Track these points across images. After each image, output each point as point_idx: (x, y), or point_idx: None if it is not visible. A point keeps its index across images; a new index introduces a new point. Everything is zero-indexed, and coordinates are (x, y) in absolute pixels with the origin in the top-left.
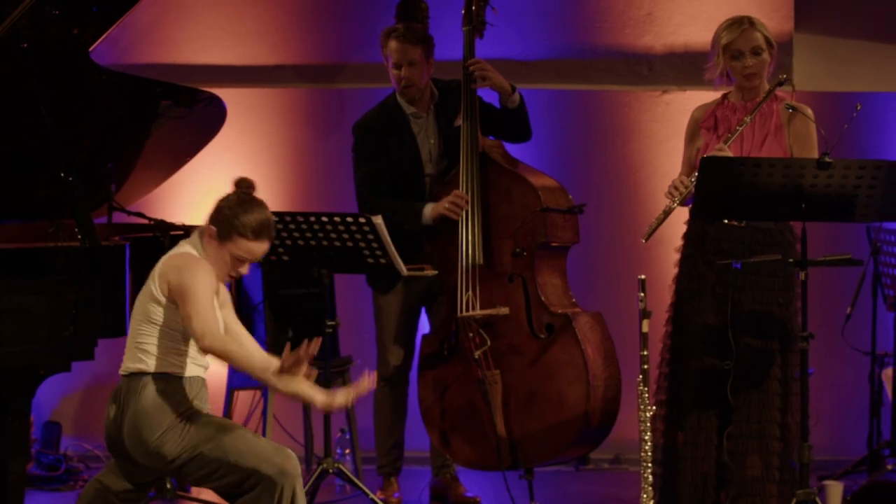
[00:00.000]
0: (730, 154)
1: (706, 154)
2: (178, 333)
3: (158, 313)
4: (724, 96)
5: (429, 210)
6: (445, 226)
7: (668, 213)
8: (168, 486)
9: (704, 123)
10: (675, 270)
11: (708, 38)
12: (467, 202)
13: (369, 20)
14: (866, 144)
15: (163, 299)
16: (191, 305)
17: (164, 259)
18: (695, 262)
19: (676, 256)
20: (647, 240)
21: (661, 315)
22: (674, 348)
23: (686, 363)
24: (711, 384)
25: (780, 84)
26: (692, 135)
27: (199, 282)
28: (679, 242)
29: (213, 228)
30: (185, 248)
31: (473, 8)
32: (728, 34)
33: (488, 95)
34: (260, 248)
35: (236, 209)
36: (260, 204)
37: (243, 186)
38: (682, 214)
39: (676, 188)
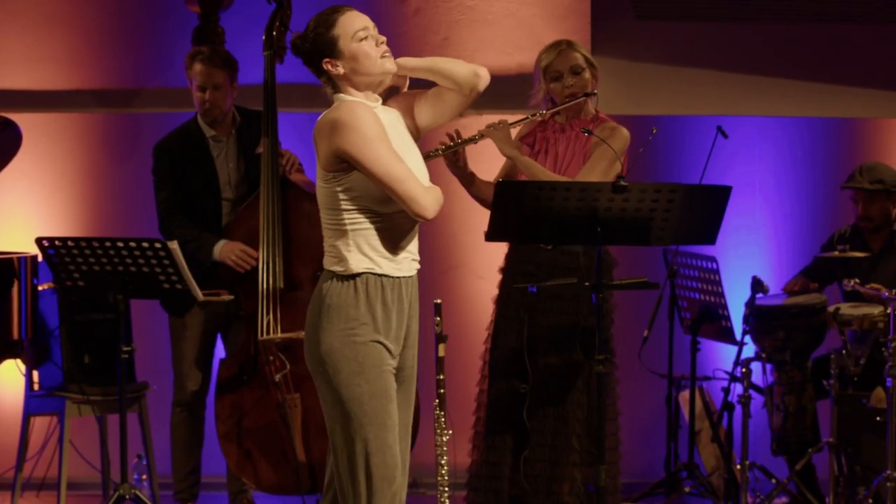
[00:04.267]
0: (506, 125)
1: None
2: None
3: None
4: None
5: (218, 249)
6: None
7: (425, 157)
8: None
9: (525, 139)
10: (494, 292)
11: (504, 62)
12: (256, 261)
13: (165, 45)
14: (662, 168)
15: None
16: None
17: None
18: (506, 282)
19: (499, 277)
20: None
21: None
22: (487, 368)
23: (491, 384)
24: (509, 406)
25: (587, 95)
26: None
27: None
28: (501, 264)
29: (326, 60)
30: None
31: (274, 33)
32: (546, 57)
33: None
34: (354, 12)
35: (312, 26)
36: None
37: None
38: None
39: (446, 143)
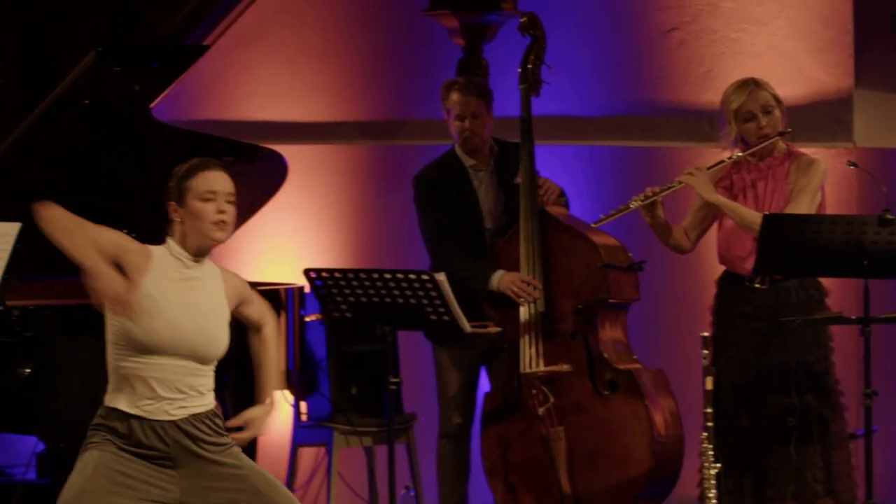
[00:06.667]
0: (704, 170)
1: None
2: None
3: None
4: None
5: (497, 279)
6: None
7: (625, 209)
8: None
9: (721, 183)
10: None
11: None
12: (539, 291)
13: (430, 77)
14: None
15: None
16: None
17: None
18: (722, 322)
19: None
20: (596, 225)
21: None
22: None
23: (720, 423)
24: (744, 447)
25: (781, 134)
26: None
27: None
28: (712, 302)
29: (172, 203)
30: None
31: (529, 66)
32: (737, 98)
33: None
34: (215, 174)
35: (180, 169)
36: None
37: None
38: (713, 273)
39: (646, 193)
